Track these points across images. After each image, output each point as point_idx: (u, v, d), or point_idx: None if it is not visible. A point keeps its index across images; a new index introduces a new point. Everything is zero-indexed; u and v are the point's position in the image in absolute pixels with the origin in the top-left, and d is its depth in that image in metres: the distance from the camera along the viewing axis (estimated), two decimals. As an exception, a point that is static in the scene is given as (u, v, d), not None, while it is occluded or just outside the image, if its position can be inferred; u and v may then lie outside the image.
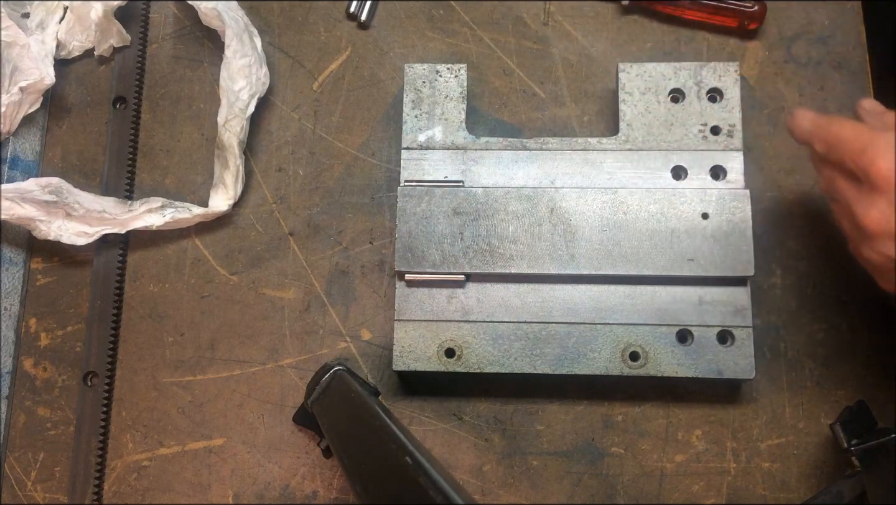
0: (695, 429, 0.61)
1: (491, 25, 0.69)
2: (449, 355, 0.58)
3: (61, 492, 0.62)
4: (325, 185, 0.67)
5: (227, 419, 0.63)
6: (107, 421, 0.64)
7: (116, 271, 0.66)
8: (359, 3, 0.70)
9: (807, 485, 0.59)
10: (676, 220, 0.58)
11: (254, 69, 0.65)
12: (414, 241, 0.59)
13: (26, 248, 0.67)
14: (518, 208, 0.59)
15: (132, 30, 0.71)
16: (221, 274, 0.66)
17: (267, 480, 0.62)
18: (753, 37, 0.67)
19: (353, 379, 0.55)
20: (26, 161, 0.69)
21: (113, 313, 0.65)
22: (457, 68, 0.63)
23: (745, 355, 0.57)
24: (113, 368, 0.64)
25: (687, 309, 0.58)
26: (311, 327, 0.64)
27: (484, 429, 0.62)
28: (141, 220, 0.64)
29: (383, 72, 0.69)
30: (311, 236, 0.66)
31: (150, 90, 0.70)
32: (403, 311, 0.59)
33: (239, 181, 0.66)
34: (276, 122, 0.69)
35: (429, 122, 0.62)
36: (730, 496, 0.59)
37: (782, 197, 0.64)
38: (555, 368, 0.58)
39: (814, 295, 0.62)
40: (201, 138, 0.69)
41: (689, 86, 0.61)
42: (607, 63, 0.67)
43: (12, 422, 0.64)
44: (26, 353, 0.65)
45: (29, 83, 0.66)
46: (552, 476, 0.60)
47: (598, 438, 0.61)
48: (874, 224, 0.47)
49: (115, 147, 0.69)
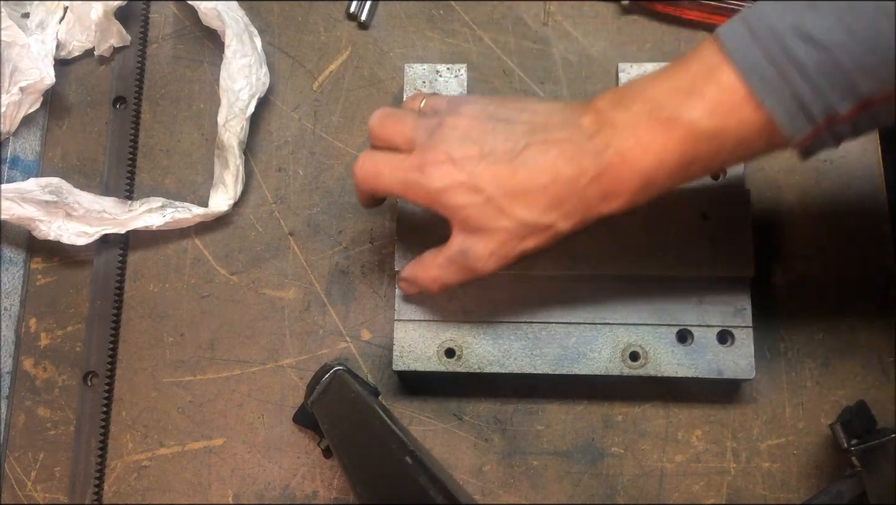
0: (695, 429, 0.61)
1: (491, 25, 0.69)
2: (449, 355, 0.58)
3: (61, 492, 0.63)
4: (325, 185, 0.67)
5: (227, 419, 0.63)
6: (107, 421, 0.64)
7: (116, 271, 0.66)
8: (359, 3, 0.70)
9: (807, 485, 0.59)
10: (676, 220, 0.58)
11: (254, 69, 0.65)
12: (414, 241, 0.59)
13: (26, 249, 0.67)
14: (518, 208, 0.59)
15: (132, 30, 0.71)
16: (221, 274, 0.66)
17: (267, 480, 0.62)
18: (753, 37, 0.67)
19: (353, 379, 0.55)
20: (26, 161, 0.69)
21: (113, 313, 0.65)
22: (457, 68, 0.63)
23: (745, 355, 0.57)
24: (113, 368, 0.64)
25: (687, 309, 0.58)
26: (311, 327, 0.64)
27: (484, 429, 0.62)
28: (141, 220, 0.64)
29: (383, 72, 0.69)
30: (311, 236, 0.66)
31: (150, 90, 0.70)
32: (403, 311, 0.59)
33: (239, 181, 0.66)
34: (276, 122, 0.69)
35: (429, 122, 0.62)
36: (730, 496, 0.59)
37: (782, 197, 0.64)
38: (555, 368, 0.58)
39: (814, 295, 0.62)
40: (201, 138, 0.69)
41: (689, 86, 0.61)
42: (607, 63, 0.67)
43: (12, 422, 0.64)
44: (26, 353, 0.65)
45: (29, 83, 0.66)
46: (552, 476, 0.60)
47: (598, 438, 0.61)
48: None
49: (115, 147, 0.69)
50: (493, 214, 0.48)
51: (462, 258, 0.51)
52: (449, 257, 0.52)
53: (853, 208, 0.64)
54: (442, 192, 0.49)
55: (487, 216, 0.48)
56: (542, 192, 0.47)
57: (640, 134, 0.44)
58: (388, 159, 0.51)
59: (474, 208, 0.48)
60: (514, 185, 0.47)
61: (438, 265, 0.53)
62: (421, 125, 0.51)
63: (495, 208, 0.48)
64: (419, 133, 0.50)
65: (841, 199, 0.64)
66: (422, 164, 0.49)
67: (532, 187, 0.47)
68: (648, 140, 0.44)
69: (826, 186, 0.64)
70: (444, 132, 0.49)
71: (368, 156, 0.53)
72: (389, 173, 0.51)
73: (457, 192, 0.48)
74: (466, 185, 0.48)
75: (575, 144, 0.46)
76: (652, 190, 0.46)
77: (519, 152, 0.47)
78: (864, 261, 0.62)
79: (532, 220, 0.48)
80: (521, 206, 0.47)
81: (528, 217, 0.47)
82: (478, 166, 0.48)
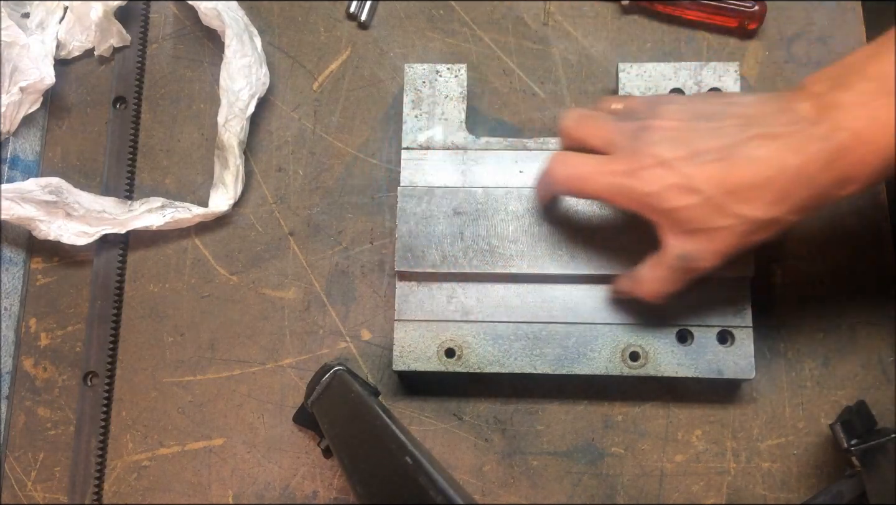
0: (695, 429, 0.61)
1: (491, 25, 0.69)
2: (449, 355, 0.58)
3: (61, 492, 0.63)
4: (325, 185, 0.67)
5: (227, 419, 0.63)
6: (107, 421, 0.64)
7: (116, 271, 0.66)
8: (359, 3, 0.70)
9: (807, 485, 0.59)
10: (676, 220, 0.58)
11: (254, 69, 0.65)
12: (414, 242, 0.59)
13: (26, 249, 0.67)
14: (518, 208, 0.59)
15: (132, 30, 0.71)
16: (221, 274, 0.66)
17: (267, 480, 0.62)
18: (753, 37, 0.67)
19: (353, 379, 0.55)
20: (26, 161, 0.69)
21: (113, 313, 0.65)
22: (457, 68, 0.63)
23: (745, 355, 0.57)
24: (113, 368, 0.64)
25: (687, 309, 0.58)
26: (311, 327, 0.64)
27: (484, 429, 0.62)
28: (141, 220, 0.64)
29: (383, 72, 0.69)
30: (311, 236, 0.66)
31: (150, 90, 0.70)
32: (403, 311, 0.59)
33: (239, 181, 0.66)
34: (276, 122, 0.69)
35: (429, 122, 0.62)
36: (730, 496, 0.59)
37: (782, 197, 0.64)
38: (555, 368, 0.58)
39: (814, 295, 0.62)
40: (201, 138, 0.69)
41: (689, 86, 0.61)
42: (607, 63, 0.67)
43: (12, 422, 0.64)
44: (26, 353, 0.65)
45: (29, 83, 0.66)
46: (552, 476, 0.60)
47: (598, 438, 0.61)
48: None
49: (115, 147, 0.69)
50: (713, 214, 0.47)
51: (683, 262, 0.49)
52: (669, 265, 0.50)
53: (853, 208, 0.64)
54: (655, 196, 0.47)
55: (707, 216, 0.47)
56: (766, 188, 0.45)
57: (874, 111, 0.43)
58: (592, 163, 0.50)
59: (692, 210, 0.47)
60: (734, 183, 0.46)
61: (658, 277, 0.52)
62: (622, 128, 0.50)
63: (714, 207, 0.46)
64: (620, 136, 0.49)
65: (841, 200, 0.64)
66: (631, 169, 0.48)
67: (755, 183, 0.45)
68: (885, 116, 0.42)
69: (826, 186, 0.64)
70: (650, 135, 0.48)
71: (567, 158, 0.51)
72: (596, 178, 0.50)
73: (671, 195, 0.47)
74: (681, 187, 0.47)
75: (798, 133, 0.44)
76: (891, 168, 0.44)
77: (735, 148, 0.46)
78: (864, 261, 0.62)
79: (758, 217, 0.46)
80: (744, 203, 0.46)
81: (752, 214, 0.46)
82: (690, 167, 0.46)
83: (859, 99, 0.43)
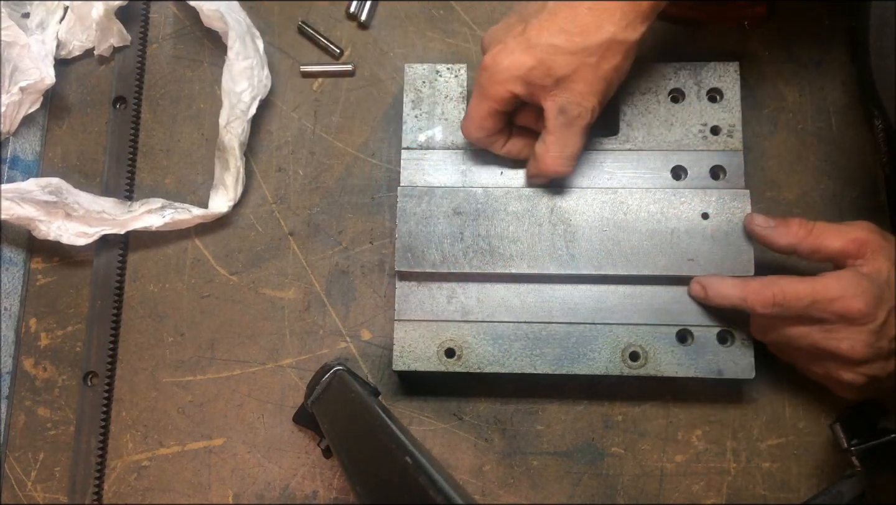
0: (695, 429, 0.61)
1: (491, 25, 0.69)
2: (449, 355, 0.58)
3: (61, 492, 0.62)
4: (325, 185, 0.67)
5: (227, 419, 0.63)
6: (107, 421, 0.64)
7: (116, 271, 0.66)
8: (359, 3, 0.70)
9: (807, 485, 0.59)
10: (676, 221, 0.58)
11: (256, 71, 0.65)
12: (414, 241, 0.59)
13: (26, 249, 0.67)
14: (518, 208, 0.59)
15: (132, 30, 0.71)
16: (221, 274, 0.66)
17: (267, 480, 0.62)
18: (753, 37, 0.67)
19: (353, 379, 0.55)
20: (26, 161, 0.69)
21: (113, 313, 0.65)
22: (457, 68, 0.63)
23: (745, 355, 0.57)
24: (113, 368, 0.64)
25: (687, 309, 0.58)
26: (311, 327, 0.64)
27: (484, 429, 0.62)
28: (141, 221, 0.64)
29: (383, 72, 0.69)
30: (311, 236, 0.66)
31: (150, 90, 0.70)
32: (403, 311, 0.59)
33: (239, 182, 0.66)
34: (277, 122, 0.69)
35: (429, 122, 0.62)
36: (730, 496, 0.59)
37: (782, 197, 0.64)
38: (555, 368, 0.58)
39: (814, 295, 0.62)
40: (201, 138, 0.69)
41: (689, 86, 0.61)
42: (607, 63, 0.67)
43: (12, 422, 0.64)
44: (26, 353, 0.65)
45: (29, 83, 0.66)
46: (552, 476, 0.60)
47: (598, 438, 0.61)
48: (859, 353, 0.51)
49: (115, 147, 0.69)
50: (561, 63, 0.54)
51: (564, 116, 0.55)
52: (555, 127, 0.55)
53: (853, 208, 0.64)
54: (527, 74, 0.54)
55: (557, 67, 0.53)
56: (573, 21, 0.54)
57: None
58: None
59: (540, 67, 0.54)
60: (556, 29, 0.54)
61: (552, 142, 0.55)
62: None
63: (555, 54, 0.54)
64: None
65: (841, 199, 0.64)
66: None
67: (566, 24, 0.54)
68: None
69: (826, 186, 0.65)
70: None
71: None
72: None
73: (533, 74, 0.54)
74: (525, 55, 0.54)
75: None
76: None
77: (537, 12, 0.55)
78: (864, 261, 0.62)
79: (589, 44, 0.53)
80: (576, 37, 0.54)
81: (584, 43, 0.54)
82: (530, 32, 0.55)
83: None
